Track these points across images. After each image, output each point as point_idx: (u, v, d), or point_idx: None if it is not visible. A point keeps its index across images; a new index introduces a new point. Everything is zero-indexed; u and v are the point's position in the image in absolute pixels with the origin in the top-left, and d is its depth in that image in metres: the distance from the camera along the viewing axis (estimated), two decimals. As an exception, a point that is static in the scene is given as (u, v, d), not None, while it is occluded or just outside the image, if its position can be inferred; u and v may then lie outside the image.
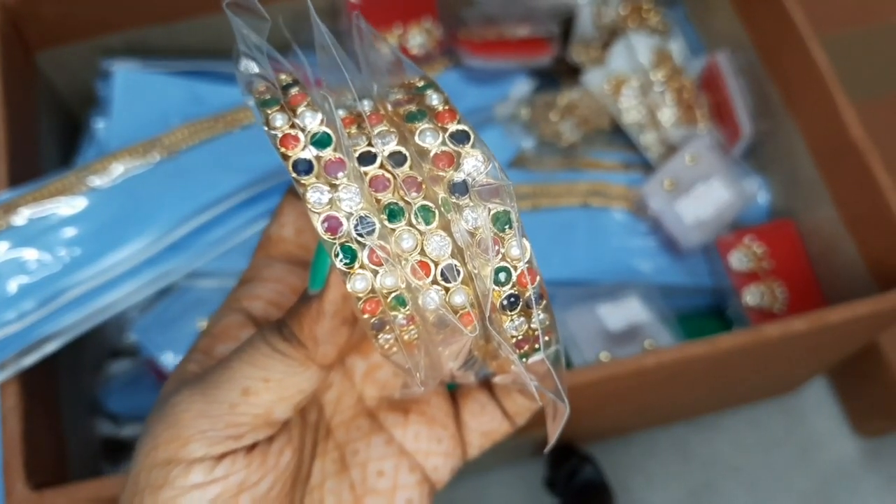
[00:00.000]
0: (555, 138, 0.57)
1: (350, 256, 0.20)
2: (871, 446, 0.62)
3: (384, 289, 0.20)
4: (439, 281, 0.20)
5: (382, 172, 0.20)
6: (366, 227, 0.20)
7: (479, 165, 0.20)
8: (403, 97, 0.22)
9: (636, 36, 0.59)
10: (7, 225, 0.43)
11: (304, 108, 0.21)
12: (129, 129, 0.49)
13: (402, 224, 0.20)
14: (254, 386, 0.21)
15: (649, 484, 0.60)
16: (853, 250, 0.51)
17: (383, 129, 0.21)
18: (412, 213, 0.20)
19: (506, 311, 0.20)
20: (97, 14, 0.51)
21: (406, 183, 0.20)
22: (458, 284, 0.20)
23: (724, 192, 0.55)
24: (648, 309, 0.52)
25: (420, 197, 0.20)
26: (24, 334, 0.42)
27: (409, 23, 0.56)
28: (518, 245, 0.20)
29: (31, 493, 0.37)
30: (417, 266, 0.20)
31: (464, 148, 0.20)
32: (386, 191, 0.20)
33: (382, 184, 0.20)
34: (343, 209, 0.20)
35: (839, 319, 0.44)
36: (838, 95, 0.50)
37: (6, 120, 0.45)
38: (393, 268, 0.20)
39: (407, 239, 0.20)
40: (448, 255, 0.20)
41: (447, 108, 0.21)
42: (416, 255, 0.20)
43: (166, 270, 0.45)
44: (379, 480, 0.25)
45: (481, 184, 0.20)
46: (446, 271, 0.20)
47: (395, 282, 0.20)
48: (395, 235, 0.20)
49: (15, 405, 0.39)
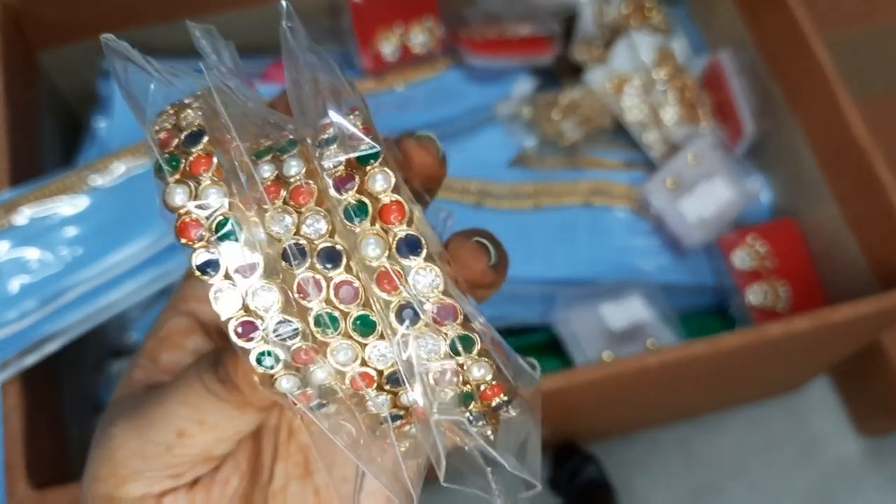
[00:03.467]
0: (557, 137, 0.57)
1: (272, 361, 0.18)
2: (874, 445, 0.62)
3: (317, 383, 0.18)
4: (385, 387, 0.18)
5: (312, 275, 0.18)
6: (286, 331, 0.18)
7: (435, 280, 0.18)
8: (341, 170, 0.18)
9: (638, 35, 0.59)
10: (8, 224, 0.43)
11: (207, 181, 0.17)
12: (131, 128, 0.49)
13: (335, 335, 0.18)
14: (189, 428, 0.20)
15: (652, 483, 0.60)
16: (856, 249, 0.51)
17: (311, 208, 0.18)
18: (348, 324, 0.18)
19: (473, 423, 0.19)
20: (98, 13, 0.51)
21: (338, 288, 0.18)
22: (406, 388, 0.18)
23: (726, 190, 0.55)
24: (651, 308, 0.52)
25: (356, 306, 0.18)
26: (26, 334, 0.42)
27: (410, 22, 0.56)
28: (479, 366, 0.18)
29: (33, 493, 0.37)
30: (358, 377, 0.18)
31: (415, 261, 0.18)
32: (315, 298, 0.18)
33: (313, 288, 0.18)
34: (258, 312, 0.18)
35: (842, 318, 0.44)
36: (841, 94, 0.50)
37: (8, 119, 0.45)
38: (322, 362, 0.18)
39: (344, 350, 0.18)
40: (390, 363, 0.18)
41: (394, 200, 0.18)
42: (356, 367, 0.18)
43: (168, 270, 0.45)
44: (343, 485, 0.24)
45: (436, 306, 0.17)
46: (392, 380, 0.18)
47: (326, 375, 0.18)
48: (331, 348, 0.18)
49: (17, 404, 0.39)
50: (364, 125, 0.18)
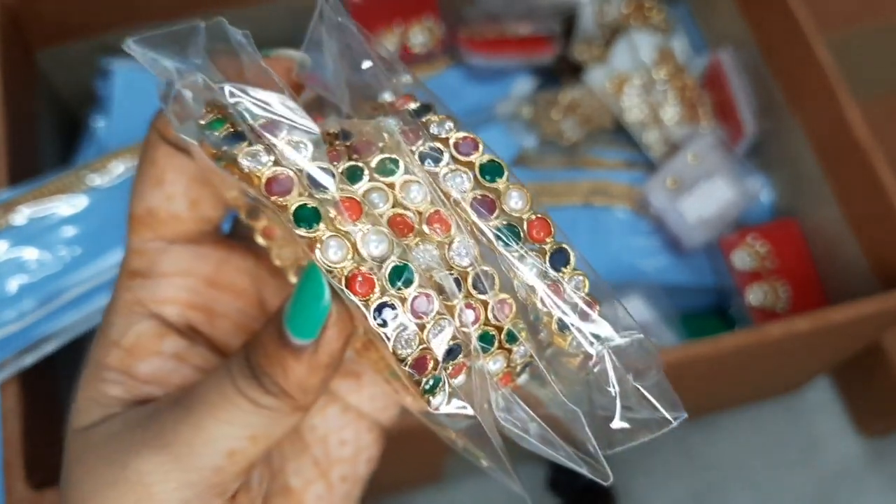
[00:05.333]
0: (557, 137, 0.57)
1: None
2: (875, 446, 0.61)
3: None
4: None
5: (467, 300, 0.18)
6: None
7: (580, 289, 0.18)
8: (475, 194, 0.18)
9: (638, 34, 0.58)
10: (7, 224, 0.43)
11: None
12: (129, 127, 0.48)
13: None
14: (239, 446, 0.19)
15: (652, 484, 0.60)
16: (857, 249, 0.51)
17: (462, 239, 0.18)
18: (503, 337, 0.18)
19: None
20: (97, 13, 0.51)
21: (497, 309, 0.18)
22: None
23: (726, 190, 0.55)
24: (651, 308, 0.52)
25: (509, 319, 0.18)
26: (24, 334, 0.42)
27: (410, 21, 0.56)
28: None
29: (32, 493, 0.37)
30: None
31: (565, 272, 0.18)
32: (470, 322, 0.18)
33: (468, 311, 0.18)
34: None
35: (842, 319, 0.44)
36: (842, 94, 0.50)
37: (6, 118, 0.45)
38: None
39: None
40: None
41: (540, 217, 0.19)
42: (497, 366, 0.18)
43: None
44: (342, 449, 0.24)
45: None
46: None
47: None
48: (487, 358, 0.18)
49: (15, 405, 0.39)
50: (461, 131, 0.19)
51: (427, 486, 0.57)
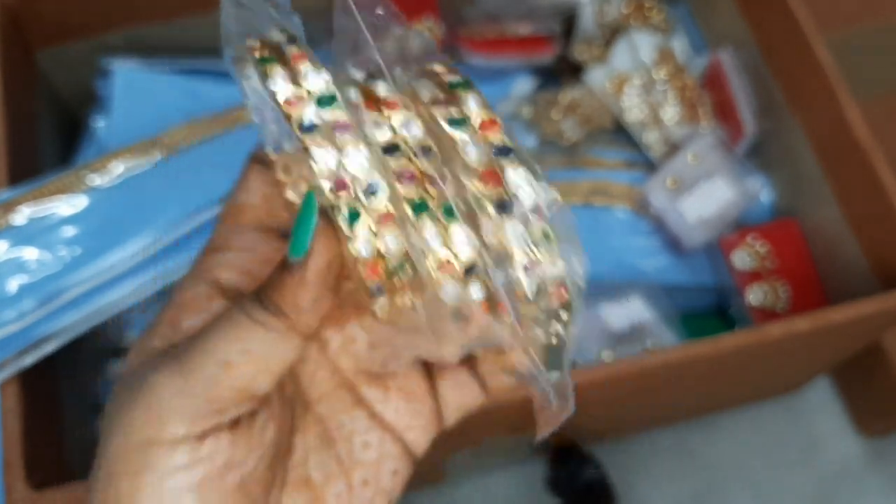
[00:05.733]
0: (557, 137, 0.57)
1: (354, 218, 0.19)
2: (875, 446, 0.61)
3: (390, 255, 0.19)
4: (462, 276, 0.19)
5: (407, 164, 0.19)
6: (373, 189, 0.19)
7: (531, 190, 0.20)
8: (435, 95, 0.21)
9: (638, 34, 0.58)
10: (7, 224, 0.43)
11: (308, 68, 0.20)
12: (129, 127, 0.48)
13: (425, 217, 0.19)
14: (235, 359, 0.21)
15: (652, 484, 0.60)
16: (857, 249, 0.51)
17: (404, 115, 0.20)
18: (438, 208, 0.19)
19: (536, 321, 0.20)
20: (97, 13, 0.51)
21: (429, 178, 0.19)
22: (480, 279, 0.19)
23: (727, 190, 0.55)
24: (651, 308, 0.52)
25: (445, 193, 0.19)
26: (24, 334, 0.42)
27: (410, 21, 0.56)
28: (556, 263, 0.19)
29: (32, 493, 0.37)
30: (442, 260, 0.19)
31: (509, 163, 0.20)
32: (411, 182, 0.19)
33: (408, 174, 0.19)
34: (349, 171, 0.19)
35: (842, 319, 0.44)
36: (842, 94, 0.50)
37: (6, 118, 0.45)
38: (399, 231, 0.19)
39: (430, 228, 0.19)
40: (472, 252, 0.19)
41: (490, 117, 0.20)
42: (441, 250, 0.19)
43: (167, 269, 0.45)
44: (365, 452, 0.24)
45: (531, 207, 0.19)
46: (470, 270, 0.19)
47: (401, 247, 0.19)
48: (419, 226, 0.19)
49: (15, 404, 0.39)
50: (445, 66, 0.22)
51: (427, 486, 0.57)
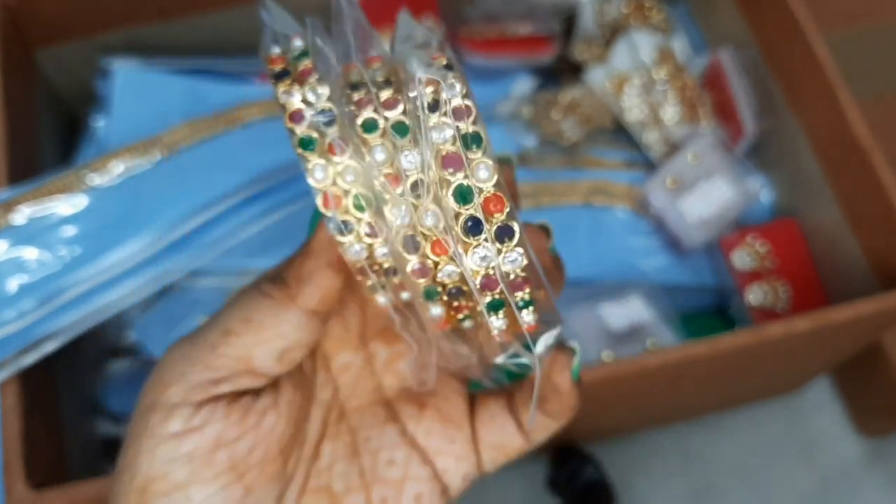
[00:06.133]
0: (557, 137, 0.57)
1: (310, 146, 0.20)
2: (874, 446, 0.61)
3: (345, 185, 0.20)
4: (408, 194, 0.20)
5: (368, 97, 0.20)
6: (327, 117, 0.20)
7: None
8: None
9: (638, 34, 0.58)
10: (6, 224, 0.43)
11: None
12: (129, 127, 0.48)
13: (375, 135, 0.20)
14: (234, 327, 0.21)
15: (651, 484, 0.60)
16: (856, 249, 0.51)
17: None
18: (388, 128, 0.20)
19: (468, 235, 0.19)
20: (97, 12, 0.51)
21: (387, 102, 0.20)
22: (428, 203, 0.20)
23: (726, 190, 0.55)
24: (651, 308, 0.52)
25: (397, 113, 0.20)
26: (24, 333, 0.42)
27: (410, 21, 0.56)
28: (486, 167, 0.20)
29: (31, 493, 0.37)
30: (388, 179, 0.20)
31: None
32: (368, 106, 0.20)
33: (367, 101, 0.20)
34: (309, 100, 0.20)
35: (842, 319, 0.44)
36: (842, 94, 0.50)
37: (6, 118, 0.45)
38: (354, 164, 0.20)
39: (379, 151, 0.20)
40: (417, 168, 0.20)
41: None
42: (386, 168, 0.20)
43: (166, 269, 0.45)
44: (389, 469, 0.24)
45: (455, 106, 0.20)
46: (414, 186, 0.20)
47: (355, 178, 0.20)
48: (369, 146, 0.20)
49: (15, 404, 0.39)
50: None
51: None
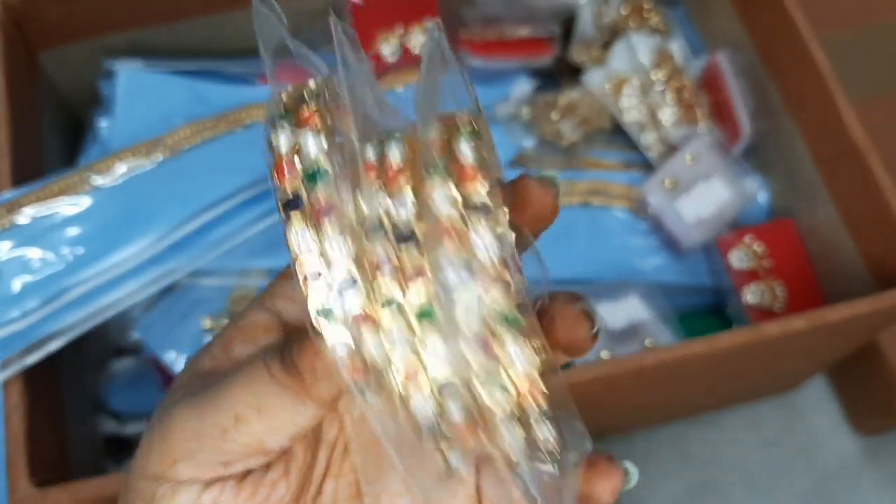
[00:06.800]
0: (555, 138, 0.57)
1: (326, 315, 0.18)
2: (871, 444, 0.62)
3: (370, 356, 0.18)
4: (435, 395, 0.19)
5: (386, 254, 0.18)
6: (349, 287, 0.18)
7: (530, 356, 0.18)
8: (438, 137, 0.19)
9: (637, 36, 0.59)
10: (10, 224, 0.43)
11: (310, 130, 0.19)
12: (133, 128, 0.49)
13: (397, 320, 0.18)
14: (245, 413, 0.20)
15: (649, 482, 0.60)
16: (853, 249, 0.51)
17: (402, 191, 0.19)
18: (411, 315, 0.18)
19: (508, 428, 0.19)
20: (100, 14, 0.51)
21: (408, 271, 0.18)
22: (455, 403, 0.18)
23: (724, 191, 0.56)
24: (649, 308, 0.52)
25: (420, 292, 0.18)
26: (28, 332, 0.42)
27: (409, 23, 0.56)
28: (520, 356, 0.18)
29: (35, 491, 0.38)
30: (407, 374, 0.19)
31: (480, 223, 0.19)
32: (385, 276, 0.18)
33: (386, 267, 0.18)
34: (326, 260, 0.18)
35: (839, 318, 0.44)
36: (838, 95, 0.50)
37: (10, 119, 0.45)
38: (375, 334, 0.18)
39: (399, 334, 0.18)
40: (447, 374, 0.18)
41: (475, 164, 0.19)
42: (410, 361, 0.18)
43: (169, 269, 0.46)
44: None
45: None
46: (444, 389, 0.18)
47: (382, 352, 0.18)
48: (387, 331, 0.18)
49: (18, 403, 0.40)
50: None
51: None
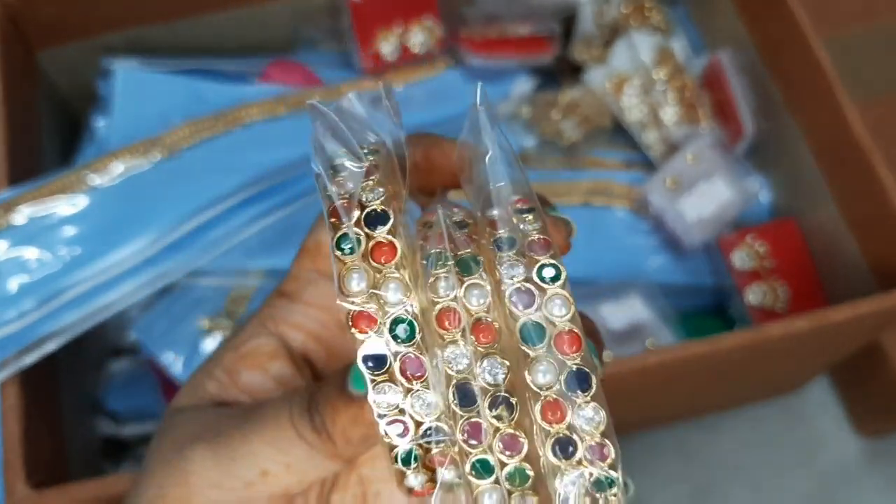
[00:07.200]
0: (556, 137, 0.57)
1: (409, 461, 0.18)
2: (873, 446, 0.61)
3: (444, 480, 0.18)
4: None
5: (480, 421, 0.17)
6: (437, 436, 0.18)
7: (597, 418, 0.18)
8: (521, 283, 0.18)
9: (638, 34, 0.59)
10: (7, 224, 0.43)
11: (391, 274, 0.18)
12: (130, 127, 0.49)
13: (487, 481, 0.17)
14: (273, 469, 0.20)
15: (651, 484, 0.60)
16: (855, 249, 0.51)
17: (493, 353, 0.18)
18: (503, 473, 0.18)
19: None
20: (98, 13, 0.51)
21: (505, 442, 0.17)
22: None
23: (725, 190, 0.55)
24: (650, 308, 0.52)
25: (516, 458, 0.18)
26: (25, 333, 0.42)
27: (410, 21, 0.56)
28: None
29: (32, 493, 0.37)
30: None
31: (583, 397, 0.18)
32: (479, 441, 0.17)
33: (477, 433, 0.17)
34: (414, 417, 0.18)
35: (841, 319, 0.44)
36: (840, 94, 0.50)
37: (7, 118, 0.45)
38: (456, 468, 0.18)
39: (489, 494, 0.18)
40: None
41: (571, 329, 0.18)
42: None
43: (167, 269, 0.45)
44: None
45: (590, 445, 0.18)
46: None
47: (453, 476, 0.18)
48: (478, 491, 0.18)
49: (15, 404, 0.39)
50: (542, 234, 0.19)
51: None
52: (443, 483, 0.18)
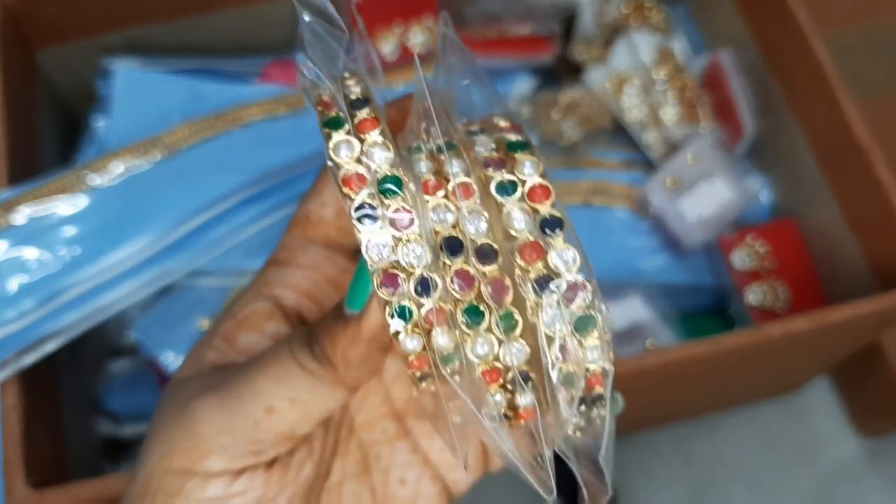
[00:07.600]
0: (556, 137, 0.57)
1: (405, 317, 0.18)
2: (873, 446, 0.61)
3: (439, 350, 0.19)
4: (507, 387, 0.19)
5: (468, 268, 0.19)
6: (426, 288, 0.18)
7: (569, 261, 0.19)
8: (491, 155, 0.20)
9: (638, 34, 0.59)
10: (7, 224, 0.43)
11: (375, 139, 0.19)
12: (130, 127, 0.49)
13: (480, 328, 0.19)
14: (279, 404, 0.21)
15: (651, 484, 0.60)
16: (855, 249, 0.51)
17: (474, 207, 0.19)
18: (493, 320, 0.19)
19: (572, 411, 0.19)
20: (98, 12, 0.51)
21: (493, 285, 0.18)
22: (525, 390, 0.19)
23: (726, 190, 0.55)
24: (650, 308, 0.52)
25: (505, 302, 0.19)
26: (24, 333, 0.42)
27: (409, 21, 0.56)
28: (602, 353, 0.19)
29: (32, 493, 0.37)
30: (488, 372, 0.19)
31: (555, 239, 0.19)
32: (470, 290, 0.19)
33: (468, 281, 0.18)
34: (405, 267, 0.18)
35: (841, 319, 0.44)
36: (841, 94, 0.50)
37: (6, 118, 0.45)
38: (449, 329, 0.19)
39: (482, 345, 0.19)
40: (522, 363, 0.19)
41: (542, 183, 0.20)
42: (488, 362, 0.19)
43: (167, 269, 0.45)
44: (400, 489, 0.24)
45: (569, 283, 0.19)
46: (517, 379, 0.19)
47: (448, 342, 0.19)
48: (471, 341, 0.19)
49: (15, 404, 0.39)
50: (509, 121, 0.21)
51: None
52: (438, 350, 0.19)
